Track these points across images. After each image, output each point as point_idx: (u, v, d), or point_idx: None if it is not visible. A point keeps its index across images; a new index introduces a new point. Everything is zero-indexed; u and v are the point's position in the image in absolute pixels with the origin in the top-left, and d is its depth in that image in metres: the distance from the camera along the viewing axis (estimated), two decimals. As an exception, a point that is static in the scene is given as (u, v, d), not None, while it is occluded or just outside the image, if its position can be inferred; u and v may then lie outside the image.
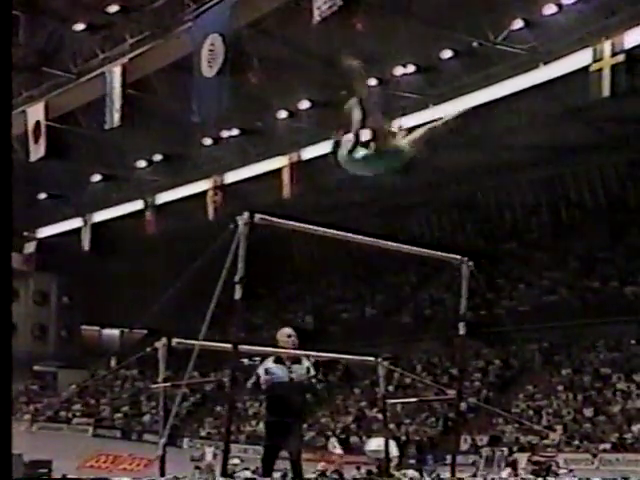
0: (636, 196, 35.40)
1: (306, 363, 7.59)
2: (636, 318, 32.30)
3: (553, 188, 37.32)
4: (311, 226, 6.90)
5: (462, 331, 8.03)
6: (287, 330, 7.56)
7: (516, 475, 13.57)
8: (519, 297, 37.11)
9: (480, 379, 35.61)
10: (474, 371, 35.85)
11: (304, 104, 30.84)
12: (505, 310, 36.49)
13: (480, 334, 34.84)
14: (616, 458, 26.35)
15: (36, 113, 29.42)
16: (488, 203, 39.57)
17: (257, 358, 8.06)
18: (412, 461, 27.49)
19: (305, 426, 37.35)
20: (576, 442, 28.38)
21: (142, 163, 37.18)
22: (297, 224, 6.67)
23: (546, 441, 29.22)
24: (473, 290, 8.32)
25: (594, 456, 26.84)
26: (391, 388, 32.39)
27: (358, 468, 18.34)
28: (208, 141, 34.63)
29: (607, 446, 27.96)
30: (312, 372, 7.62)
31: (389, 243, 7.82)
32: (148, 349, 7.17)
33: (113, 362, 44.55)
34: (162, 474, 7.34)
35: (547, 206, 38.01)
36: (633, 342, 33.04)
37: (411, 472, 16.17)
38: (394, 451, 10.35)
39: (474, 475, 20.38)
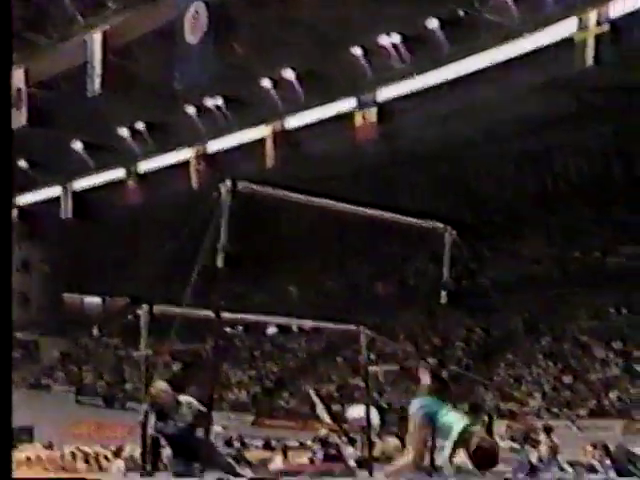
0: (620, 167, 35.58)
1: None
2: (616, 288, 32.66)
3: (538, 160, 37.39)
4: (295, 194, 6.83)
5: (444, 300, 8.05)
6: (162, 385, 6.90)
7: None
8: (503, 267, 37.36)
9: (462, 348, 35.95)
10: (456, 340, 36.16)
11: (288, 73, 30.57)
12: (489, 280, 36.66)
13: (463, 304, 35.09)
14: (594, 424, 26.74)
15: (17, 80, 28.98)
16: (473, 175, 39.62)
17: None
18: (394, 429, 27.74)
19: (287, 394, 37.73)
20: (555, 409, 28.80)
21: (124, 131, 36.81)
22: (280, 192, 6.60)
23: (526, 408, 29.62)
24: (456, 259, 8.33)
25: (572, 422, 27.22)
26: (373, 357, 32.68)
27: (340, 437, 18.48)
28: (191, 109, 34.30)
29: (585, 412, 28.39)
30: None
31: (374, 211, 7.77)
32: (130, 316, 7.13)
33: (95, 330, 44.48)
34: (144, 441, 7.34)
35: (532, 178, 38.14)
36: (612, 311, 33.46)
37: (393, 440, 16.34)
38: (376, 419, 10.43)
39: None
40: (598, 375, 30.33)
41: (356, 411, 10.69)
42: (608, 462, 11.98)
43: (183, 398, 6.75)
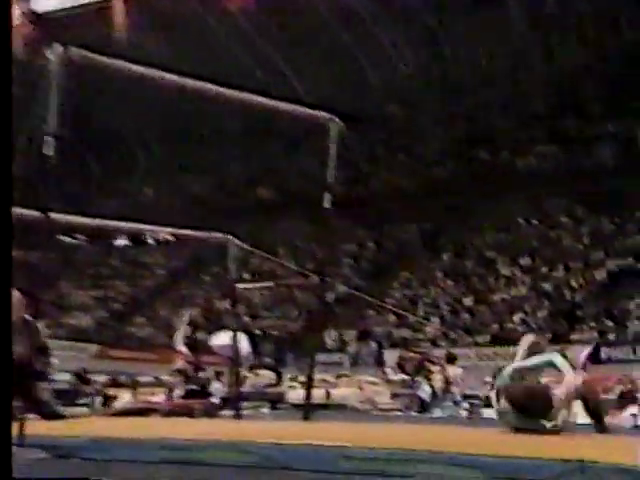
0: (538, 53, 36.28)
1: None
2: (527, 194, 33.85)
3: (437, 39, 37.37)
4: (144, 67, 6.34)
5: (328, 204, 7.94)
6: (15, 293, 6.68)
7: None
8: (399, 169, 37.87)
9: (351, 265, 36.68)
10: (344, 256, 36.82)
11: None
12: (382, 184, 37.32)
13: (352, 212, 35.61)
14: (495, 352, 28.07)
15: None
16: (363, 56, 39.17)
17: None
18: (269, 360, 28.23)
19: (142, 320, 37.44)
20: (453, 336, 29.95)
21: None
22: (125, 63, 6.13)
23: (421, 335, 30.74)
24: (345, 159, 8.30)
25: (471, 348, 28.46)
26: (247, 276, 32.85)
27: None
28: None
29: (486, 338, 29.74)
30: None
31: (245, 95, 7.45)
32: None
33: None
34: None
35: (432, 61, 38.00)
36: (522, 221, 34.84)
37: (267, 372, 16.58)
38: (246, 347, 10.38)
39: (338, 376, 21.17)
40: (503, 295, 31.74)
41: (222, 338, 10.59)
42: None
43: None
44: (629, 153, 32.89)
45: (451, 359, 16.26)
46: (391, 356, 26.88)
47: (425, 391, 14.32)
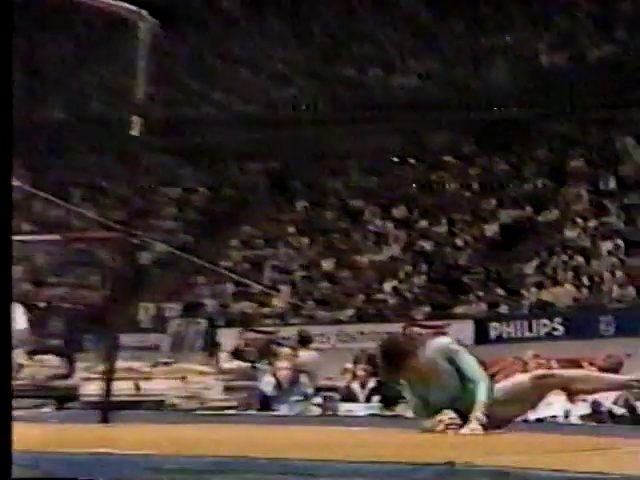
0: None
1: None
2: (400, 125, 34.29)
3: None
4: None
5: (137, 131, 7.85)
6: None
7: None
8: (240, 88, 37.58)
9: (175, 216, 36.39)
10: (166, 203, 36.50)
11: None
12: (216, 107, 36.91)
13: (175, 144, 35.26)
14: (360, 331, 28.53)
15: None
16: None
17: None
18: (57, 342, 27.64)
19: None
20: (307, 310, 30.26)
21: None
22: None
23: (266, 309, 30.91)
24: (162, 70, 8.14)
25: (330, 326, 28.83)
26: (28, 226, 32.00)
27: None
28: None
29: (350, 313, 30.18)
30: None
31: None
32: None
33: None
34: None
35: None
36: (396, 159, 35.40)
37: (54, 359, 16.24)
38: (22, 324, 10.17)
39: (154, 364, 20.95)
40: (371, 257, 32.25)
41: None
42: (373, 384, 12.74)
43: None
44: (530, 73, 33.73)
45: (304, 340, 16.36)
46: (227, 337, 26.93)
47: (268, 383, 14.38)
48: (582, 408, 10.28)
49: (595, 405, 10.21)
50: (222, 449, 5.09)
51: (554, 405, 10.06)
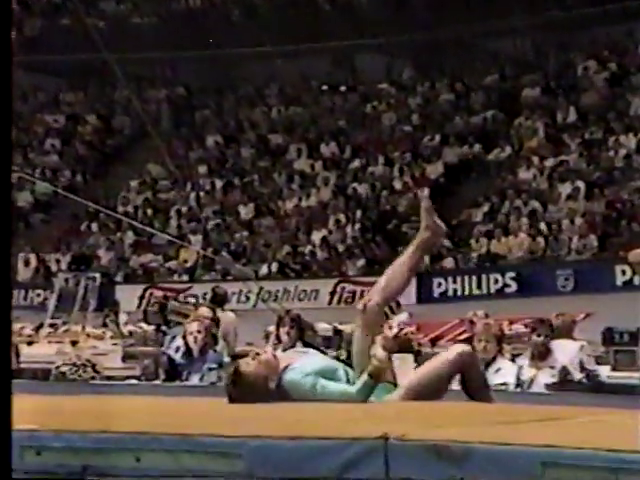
0: None
1: None
2: (330, 46, 34.17)
3: None
4: None
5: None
6: None
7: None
8: None
9: (59, 150, 35.94)
10: (49, 135, 36.04)
11: None
12: (105, 21, 36.23)
13: (59, 65, 34.73)
14: (283, 288, 28.51)
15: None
16: None
17: None
18: None
19: None
20: (222, 265, 30.10)
21: None
22: None
23: (173, 263, 30.76)
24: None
25: (249, 282, 28.75)
26: None
27: None
28: None
29: (272, 268, 30.11)
30: None
31: None
32: None
33: None
34: None
35: None
36: (324, 88, 35.32)
37: None
38: None
39: (38, 327, 20.76)
40: (295, 202, 32.25)
41: None
42: (301, 347, 12.79)
43: None
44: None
45: (219, 300, 16.33)
46: (126, 295, 26.82)
47: (177, 349, 14.38)
48: (547, 375, 10.43)
49: (563, 372, 10.37)
50: (119, 424, 5.07)
51: (503, 371, 10.19)
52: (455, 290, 28.00)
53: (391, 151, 32.38)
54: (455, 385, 7.15)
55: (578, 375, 10.57)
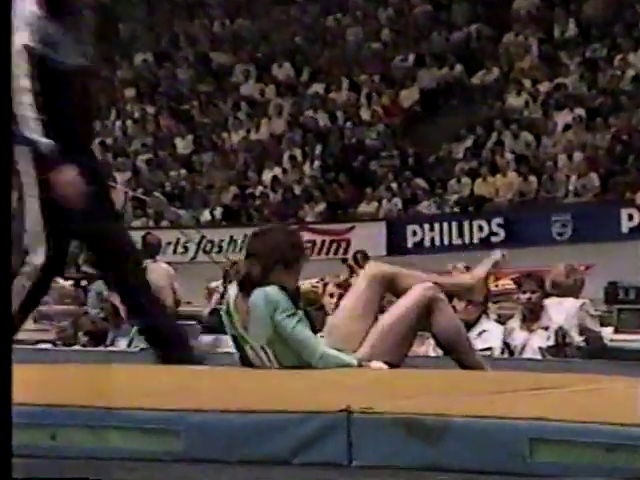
0: None
1: None
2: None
3: None
4: None
5: None
6: None
7: None
8: None
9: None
10: None
11: None
12: None
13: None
14: (229, 237, 28.53)
15: None
16: None
17: None
18: None
19: None
20: (154, 209, 30.06)
21: None
22: None
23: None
24: None
25: (188, 230, 28.78)
26: None
27: None
28: None
29: (215, 213, 30.12)
30: None
31: None
32: None
33: None
34: None
35: None
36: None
37: None
38: None
39: None
40: (243, 135, 32.17)
41: None
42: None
43: None
44: None
45: (151, 250, 16.37)
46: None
47: (102, 308, 14.43)
48: (541, 338, 10.51)
49: (559, 334, 10.44)
50: (29, 396, 5.08)
51: (488, 334, 10.28)
52: (432, 239, 28.03)
53: (357, 74, 32.30)
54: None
55: (577, 338, 10.64)
